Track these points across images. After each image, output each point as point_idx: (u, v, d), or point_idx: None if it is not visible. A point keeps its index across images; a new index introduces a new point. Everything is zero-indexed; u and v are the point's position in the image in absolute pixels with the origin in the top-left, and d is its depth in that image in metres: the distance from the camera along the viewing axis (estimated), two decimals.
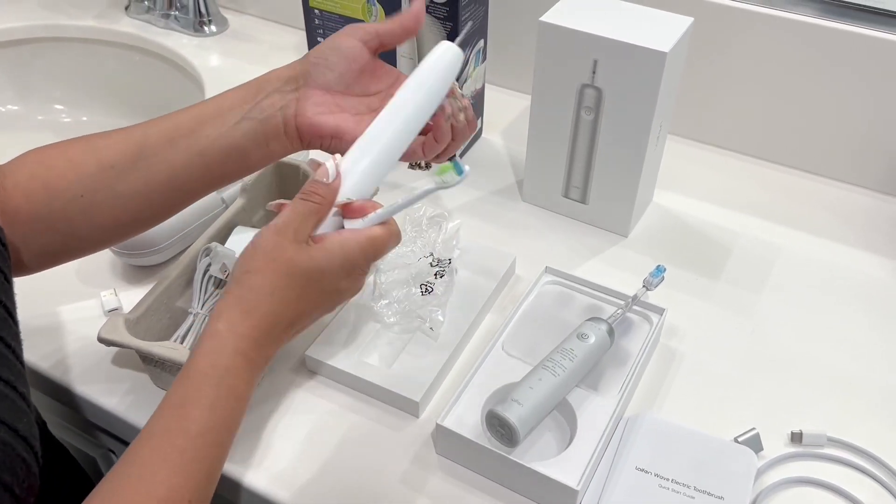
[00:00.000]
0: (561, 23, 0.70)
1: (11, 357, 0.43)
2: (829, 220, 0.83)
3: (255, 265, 0.46)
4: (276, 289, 0.45)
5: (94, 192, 0.54)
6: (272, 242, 0.46)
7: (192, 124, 0.54)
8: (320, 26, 0.87)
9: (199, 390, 0.44)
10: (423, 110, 0.52)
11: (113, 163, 0.54)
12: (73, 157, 0.54)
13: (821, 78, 0.82)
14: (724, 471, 0.58)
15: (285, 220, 0.46)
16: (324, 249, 0.47)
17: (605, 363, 0.64)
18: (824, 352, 0.69)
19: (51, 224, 0.54)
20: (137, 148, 0.54)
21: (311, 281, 0.46)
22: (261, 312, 0.45)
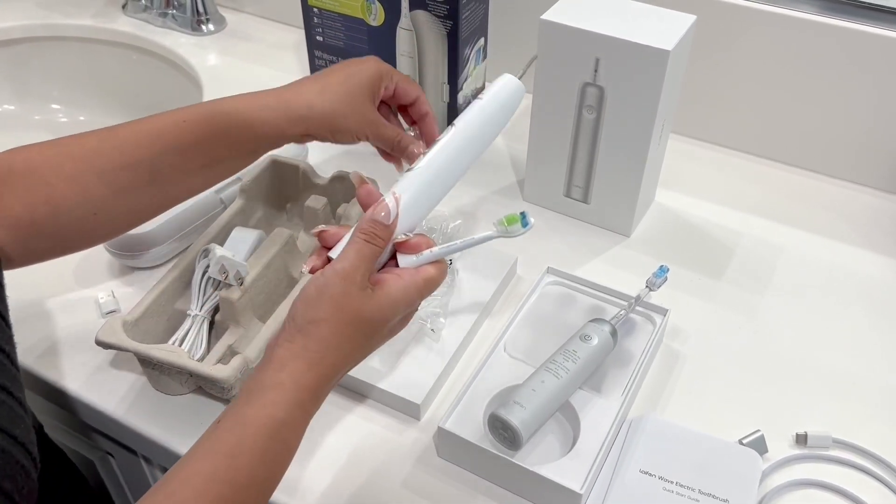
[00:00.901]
0: (562, 21, 0.69)
1: (6, 362, 0.42)
2: (832, 220, 0.82)
3: (321, 314, 0.44)
4: (343, 340, 0.45)
5: (106, 211, 0.55)
6: (340, 290, 0.44)
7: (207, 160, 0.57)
8: (319, 25, 0.86)
9: (254, 442, 0.42)
10: (478, 142, 0.51)
11: (123, 187, 0.55)
12: (71, 176, 0.54)
13: (824, 76, 0.82)
14: (728, 473, 0.57)
15: (352, 264, 0.45)
16: (388, 297, 0.46)
17: (608, 364, 0.64)
18: (828, 352, 0.68)
19: (57, 235, 0.55)
20: (151, 177, 0.55)
21: (375, 329, 0.46)
22: (325, 364, 0.44)
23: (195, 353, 0.64)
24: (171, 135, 0.56)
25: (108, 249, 0.73)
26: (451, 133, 0.51)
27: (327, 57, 0.88)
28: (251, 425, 0.42)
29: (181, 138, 0.56)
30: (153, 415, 0.63)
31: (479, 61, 0.86)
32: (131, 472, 0.75)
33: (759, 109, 0.87)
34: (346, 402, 0.64)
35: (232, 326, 0.65)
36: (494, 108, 0.52)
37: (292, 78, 1.01)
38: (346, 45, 0.85)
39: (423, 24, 0.80)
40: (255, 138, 0.58)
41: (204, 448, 0.42)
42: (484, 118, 0.51)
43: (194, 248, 0.69)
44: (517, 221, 0.48)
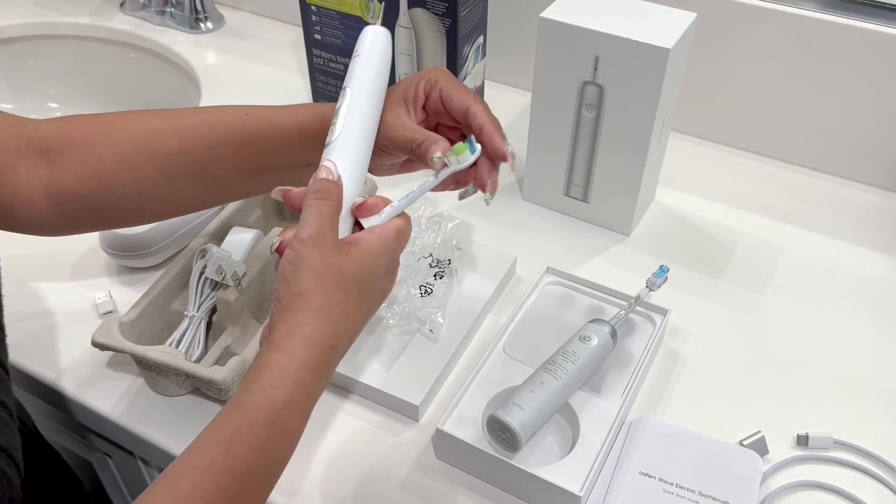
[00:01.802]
0: (562, 18, 0.68)
1: None
2: (833, 218, 0.82)
3: (304, 286, 0.42)
4: (334, 306, 0.43)
5: (154, 194, 0.55)
6: (315, 255, 0.42)
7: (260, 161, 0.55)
8: (317, 23, 0.86)
9: (251, 428, 0.40)
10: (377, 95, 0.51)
11: (174, 174, 0.54)
12: (126, 155, 0.53)
13: (825, 74, 0.81)
14: (729, 475, 0.57)
15: (318, 228, 0.43)
16: (367, 251, 0.44)
17: (607, 365, 0.63)
18: (830, 352, 0.68)
19: (101, 211, 0.54)
20: (201, 167, 0.54)
21: (364, 287, 0.44)
22: (321, 336, 0.42)
23: (192, 355, 0.63)
24: (229, 126, 0.54)
25: (105, 249, 0.72)
26: (349, 96, 0.50)
27: (325, 55, 0.87)
28: (248, 411, 0.41)
29: (238, 132, 0.54)
30: (150, 416, 0.62)
31: (479, 59, 0.86)
32: (129, 473, 0.75)
33: (759, 107, 0.87)
34: (343, 402, 0.63)
35: (229, 327, 0.65)
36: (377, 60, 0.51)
37: (290, 76, 1.02)
38: (345, 43, 0.85)
39: (421, 22, 0.79)
40: (301, 141, 0.55)
41: (202, 439, 0.41)
42: (372, 74, 0.51)
43: (191, 248, 0.68)
44: (465, 150, 0.48)
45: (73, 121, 0.55)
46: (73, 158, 0.53)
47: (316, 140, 0.53)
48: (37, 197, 0.52)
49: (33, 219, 0.53)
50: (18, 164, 0.51)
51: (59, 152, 0.53)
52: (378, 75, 0.51)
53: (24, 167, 0.52)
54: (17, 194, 0.52)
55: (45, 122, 0.54)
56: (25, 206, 0.52)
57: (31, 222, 0.53)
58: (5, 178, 0.51)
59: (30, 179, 0.52)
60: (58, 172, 0.52)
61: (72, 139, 0.53)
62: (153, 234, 0.71)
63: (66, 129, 0.54)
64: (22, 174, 0.52)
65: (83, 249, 0.76)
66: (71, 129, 0.54)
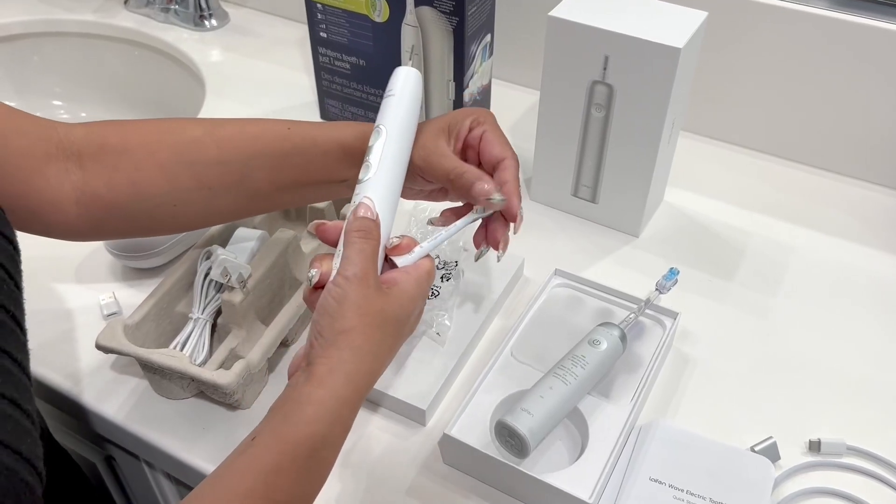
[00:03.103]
0: (571, 17, 0.67)
1: (17, 372, 0.41)
2: (846, 220, 0.81)
3: (348, 323, 0.43)
4: (374, 345, 0.44)
5: (189, 204, 0.54)
6: (360, 295, 0.44)
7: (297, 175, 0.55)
8: (322, 21, 0.85)
9: (293, 461, 0.41)
10: (408, 135, 0.51)
11: (211, 185, 0.54)
12: (164, 164, 0.53)
13: (837, 73, 0.80)
14: (740, 481, 0.56)
15: (362, 267, 0.44)
16: (405, 293, 0.46)
17: (617, 369, 0.63)
18: (842, 356, 0.67)
19: (133, 218, 0.54)
20: (239, 178, 0.54)
21: (401, 327, 0.46)
22: (361, 374, 0.43)
23: (197, 357, 0.63)
24: (270, 139, 0.55)
25: (109, 250, 0.72)
26: (384, 135, 0.50)
27: (331, 53, 0.87)
28: (290, 442, 0.41)
29: (279, 146, 0.55)
30: (154, 419, 0.62)
31: (486, 58, 0.85)
32: (133, 475, 0.74)
33: (770, 107, 0.86)
34: None
35: (234, 329, 0.64)
36: (409, 100, 0.51)
37: (296, 74, 1.02)
38: (350, 41, 0.84)
39: (428, 21, 0.78)
40: (341, 159, 0.55)
41: (239, 466, 0.41)
42: (403, 113, 0.51)
43: (196, 249, 0.68)
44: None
45: (108, 126, 0.54)
46: (108, 164, 0.52)
47: (355, 158, 0.53)
48: (67, 202, 0.52)
49: (62, 224, 0.53)
50: (47, 169, 0.51)
51: (92, 157, 0.52)
52: (409, 116, 0.51)
53: (53, 171, 0.51)
54: (46, 199, 0.51)
55: (77, 126, 0.53)
56: (54, 210, 0.52)
57: (59, 227, 0.53)
58: (33, 182, 0.50)
59: (59, 184, 0.51)
60: (90, 178, 0.52)
61: (106, 145, 0.53)
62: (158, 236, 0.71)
63: (99, 134, 0.53)
64: (51, 178, 0.51)
65: (87, 250, 0.75)
66: (105, 134, 0.53)
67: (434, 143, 0.53)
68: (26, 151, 0.50)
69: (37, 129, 0.51)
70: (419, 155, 0.53)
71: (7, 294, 0.42)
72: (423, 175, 0.53)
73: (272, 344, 0.61)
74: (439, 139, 0.53)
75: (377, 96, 0.87)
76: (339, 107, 0.91)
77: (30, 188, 0.50)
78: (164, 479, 0.71)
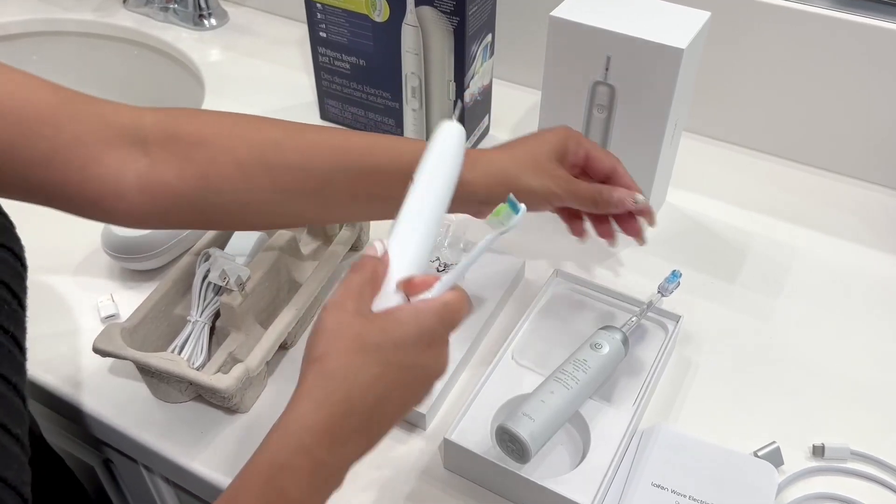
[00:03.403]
0: (572, 17, 0.67)
1: (10, 394, 0.39)
2: (850, 221, 0.80)
3: (319, 350, 0.41)
4: (351, 370, 0.41)
5: (261, 204, 0.53)
6: (333, 321, 0.41)
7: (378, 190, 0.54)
8: (322, 20, 0.84)
9: (246, 489, 0.39)
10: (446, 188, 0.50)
11: (287, 188, 0.53)
12: (241, 161, 0.52)
13: (841, 73, 0.79)
14: (743, 486, 0.56)
15: (339, 294, 0.42)
16: (395, 320, 0.42)
17: (618, 373, 0.62)
18: (846, 359, 0.66)
19: (201, 210, 0.53)
20: (318, 186, 0.53)
21: (388, 356, 0.41)
22: (333, 400, 0.40)
23: (195, 361, 0.62)
24: (356, 151, 0.54)
25: (107, 252, 0.71)
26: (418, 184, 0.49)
27: (331, 53, 0.86)
28: (248, 469, 0.39)
29: (365, 160, 0.54)
30: (152, 423, 0.61)
31: (487, 58, 0.84)
32: (132, 478, 0.74)
33: (774, 107, 0.85)
34: None
35: (233, 332, 0.63)
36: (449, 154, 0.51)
37: (295, 74, 1.01)
38: (350, 41, 0.83)
39: (428, 21, 0.78)
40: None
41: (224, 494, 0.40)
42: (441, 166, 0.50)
43: (195, 250, 0.67)
44: (505, 209, 0.45)
45: (180, 114, 0.53)
46: (179, 155, 0.51)
47: None
48: (129, 190, 0.50)
49: (123, 211, 0.51)
50: (106, 156, 0.49)
51: (161, 145, 0.51)
52: (448, 169, 0.50)
53: (113, 159, 0.49)
54: (107, 186, 0.49)
55: (146, 111, 0.52)
56: (115, 198, 0.50)
57: (119, 214, 0.51)
58: (91, 170, 0.49)
59: (121, 172, 0.50)
60: (158, 167, 0.50)
61: (178, 134, 0.51)
62: (155, 237, 0.70)
63: (171, 122, 0.52)
64: (112, 166, 0.49)
65: (85, 251, 0.75)
66: (178, 122, 0.52)
67: (563, 173, 0.58)
68: (82, 139, 0.48)
69: (94, 116, 0.50)
70: (560, 187, 0.57)
71: (7, 314, 0.41)
72: (564, 202, 0.58)
73: (271, 347, 0.60)
74: (561, 169, 0.58)
75: (377, 96, 0.86)
76: (338, 107, 0.91)
77: (87, 176, 0.49)
78: (163, 483, 0.71)
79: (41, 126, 0.47)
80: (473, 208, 0.57)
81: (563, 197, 0.57)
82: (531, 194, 0.56)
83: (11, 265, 0.43)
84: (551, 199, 0.57)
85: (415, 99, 0.84)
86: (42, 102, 0.47)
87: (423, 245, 0.47)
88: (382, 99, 0.86)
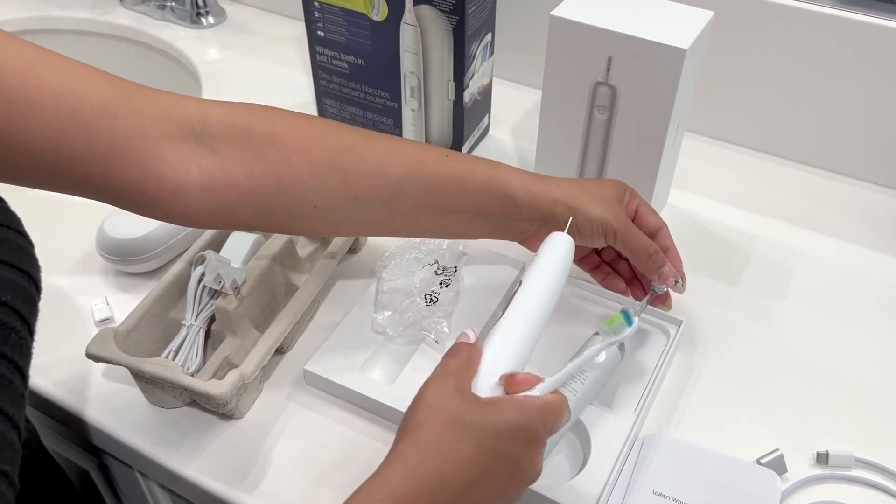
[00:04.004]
0: (573, 17, 0.66)
1: (4, 427, 0.38)
2: (855, 224, 0.79)
3: (417, 418, 0.41)
4: (445, 444, 0.40)
5: (330, 209, 0.52)
6: (434, 394, 0.42)
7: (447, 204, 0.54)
8: (320, 19, 0.83)
9: None
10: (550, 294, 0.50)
11: (358, 195, 0.52)
12: (316, 164, 0.51)
13: (846, 73, 0.78)
14: (746, 494, 0.55)
15: (439, 372, 0.43)
16: (496, 406, 0.42)
17: (620, 378, 0.61)
18: (851, 365, 0.65)
19: (268, 211, 0.52)
20: (390, 196, 0.53)
21: (485, 440, 0.41)
22: (424, 471, 0.40)
23: (190, 366, 0.62)
24: (430, 162, 0.54)
25: (101, 254, 0.70)
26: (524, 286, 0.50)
27: (329, 52, 0.85)
28: None
29: (438, 171, 0.54)
30: (146, 428, 0.61)
31: (486, 57, 0.83)
32: (127, 482, 0.73)
33: (777, 108, 0.84)
34: (345, 415, 0.61)
35: (228, 337, 0.63)
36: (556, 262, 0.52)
37: (293, 73, 1.00)
38: (349, 40, 0.82)
39: (427, 20, 0.77)
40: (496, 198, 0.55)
41: None
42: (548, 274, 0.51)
43: (190, 253, 0.66)
44: (619, 320, 0.46)
45: (250, 111, 0.51)
46: (250, 153, 0.49)
47: (510, 200, 0.55)
48: (190, 187, 0.48)
49: (181, 210, 0.49)
50: (166, 152, 0.47)
51: (229, 142, 0.49)
52: (555, 276, 0.51)
53: (174, 154, 0.47)
54: (165, 183, 0.47)
55: (213, 105, 0.50)
56: (175, 196, 0.48)
57: (177, 213, 0.49)
58: (149, 165, 0.46)
59: (183, 168, 0.48)
60: (225, 165, 0.49)
61: (249, 132, 0.50)
62: (150, 240, 0.69)
63: (240, 118, 0.50)
64: (172, 162, 0.47)
65: (79, 254, 0.74)
66: (249, 120, 0.50)
67: (626, 217, 0.57)
68: (141, 133, 0.46)
69: (154, 108, 0.47)
70: (619, 223, 0.56)
71: (14, 343, 0.39)
72: (615, 241, 0.57)
73: (267, 352, 0.59)
74: (622, 209, 0.58)
75: (375, 96, 0.85)
76: (336, 106, 0.90)
77: (145, 172, 0.47)
78: (158, 489, 0.70)
79: (98, 118, 0.45)
80: (531, 228, 0.57)
81: (619, 234, 0.56)
82: (591, 222, 0.56)
83: (26, 290, 0.41)
84: (607, 234, 0.56)
85: (414, 99, 0.83)
86: (99, 94, 0.45)
87: (524, 345, 0.48)
88: (381, 98, 0.85)
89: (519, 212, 0.56)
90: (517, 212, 0.56)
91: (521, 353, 0.48)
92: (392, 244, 0.71)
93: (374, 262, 0.70)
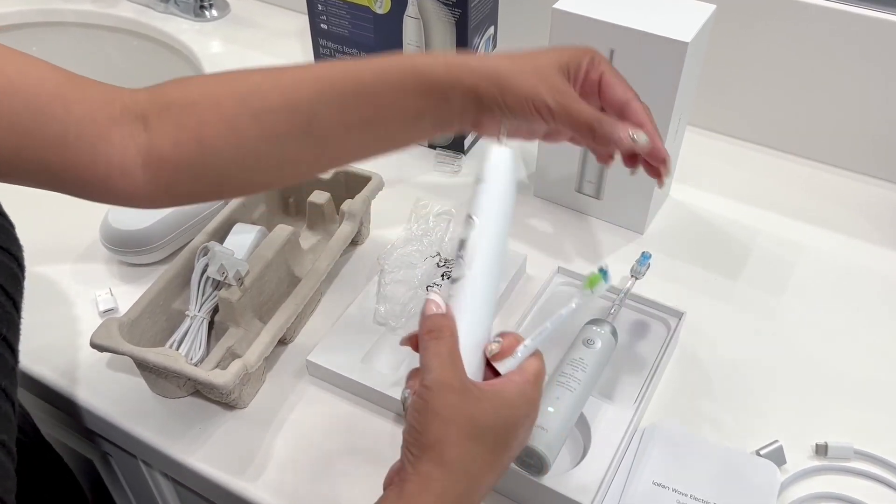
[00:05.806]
0: (576, 10, 0.66)
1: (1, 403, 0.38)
2: (855, 217, 0.79)
3: (434, 435, 0.40)
4: (469, 461, 0.40)
5: (257, 156, 0.51)
6: (443, 403, 0.40)
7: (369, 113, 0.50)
8: (323, 12, 0.83)
9: None
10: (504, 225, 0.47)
11: (277, 132, 0.50)
12: (229, 116, 0.50)
13: (848, 67, 0.78)
14: (745, 485, 0.55)
15: (440, 372, 0.41)
16: (502, 400, 0.42)
17: (620, 370, 0.61)
18: (851, 357, 0.66)
19: (202, 176, 0.51)
20: (307, 124, 0.50)
21: (501, 440, 0.41)
22: (453, 495, 0.40)
23: (193, 356, 0.62)
24: (336, 77, 0.50)
25: (105, 245, 0.71)
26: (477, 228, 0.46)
27: (332, 45, 0.85)
28: None
29: (346, 83, 0.50)
30: (150, 418, 0.61)
31: (489, 50, 0.83)
32: (130, 472, 0.73)
33: (779, 102, 0.84)
34: (348, 406, 0.62)
35: (232, 327, 0.63)
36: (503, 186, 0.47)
37: None
38: (351, 33, 0.83)
39: (430, 12, 0.77)
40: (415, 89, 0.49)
41: None
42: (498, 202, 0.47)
43: (194, 244, 0.67)
44: (599, 280, 0.45)
45: (171, 84, 0.51)
46: (172, 122, 0.49)
47: (433, 90, 0.49)
48: (134, 167, 0.49)
49: (130, 191, 0.50)
50: (112, 134, 0.48)
51: (156, 117, 0.49)
52: (504, 203, 0.47)
53: (118, 136, 0.48)
54: (114, 165, 0.48)
55: (142, 89, 0.51)
56: (122, 176, 0.49)
57: (127, 194, 0.50)
58: (99, 149, 0.47)
59: (125, 148, 0.48)
60: (156, 139, 0.49)
61: (170, 103, 0.50)
62: (153, 231, 0.70)
63: (163, 93, 0.50)
64: (117, 143, 0.48)
65: (83, 245, 0.74)
66: (168, 92, 0.51)
67: (565, 86, 0.48)
68: (90, 117, 0.47)
69: (100, 94, 0.49)
70: (553, 98, 0.47)
71: (0, 316, 0.40)
72: (553, 119, 0.48)
73: (270, 343, 0.60)
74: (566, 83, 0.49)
75: None
76: None
77: (96, 155, 0.48)
78: (162, 478, 0.71)
79: (51, 104, 0.46)
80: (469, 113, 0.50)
81: (554, 110, 0.48)
82: (518, 98, 0.48)
83: (7, 266, 0.42)
84: (540, 110, 0.48)
85: None
86: (51, 81, 0.46)
87: (492, 297, 0.46)
88: None
89: (444, 96, 0.49)
90: (442, 96, 0.49)
91: (490, 308, 0.46)
92: (394, 237, 0.71)
93: (376, 253, 0.71)
